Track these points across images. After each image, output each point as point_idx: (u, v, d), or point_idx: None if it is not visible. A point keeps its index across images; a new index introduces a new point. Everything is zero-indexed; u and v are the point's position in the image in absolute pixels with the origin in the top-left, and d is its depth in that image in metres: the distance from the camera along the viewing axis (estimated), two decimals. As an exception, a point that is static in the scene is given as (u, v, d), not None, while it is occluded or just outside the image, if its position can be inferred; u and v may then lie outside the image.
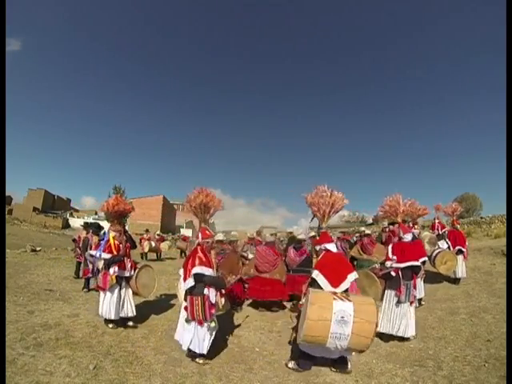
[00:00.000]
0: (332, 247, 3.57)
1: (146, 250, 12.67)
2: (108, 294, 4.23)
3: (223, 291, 3.72)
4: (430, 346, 3.76)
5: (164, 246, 13.84)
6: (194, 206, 3.98)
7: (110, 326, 4.26)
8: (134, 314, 4.44)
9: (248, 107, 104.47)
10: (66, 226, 32.83)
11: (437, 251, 6.59)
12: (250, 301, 5.88)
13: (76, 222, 30.31)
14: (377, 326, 2.90)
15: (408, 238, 4.26)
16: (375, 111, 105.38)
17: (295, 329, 3.49)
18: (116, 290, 4.29)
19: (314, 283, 3.36)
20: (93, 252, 4.60)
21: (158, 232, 15.59)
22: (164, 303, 5.78)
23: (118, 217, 4.69)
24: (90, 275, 6.37)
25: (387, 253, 4.19)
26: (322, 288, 3.24)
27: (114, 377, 3.01)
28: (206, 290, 3.44)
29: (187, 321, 3.43)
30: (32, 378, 2.85)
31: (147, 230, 14.50)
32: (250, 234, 8.54)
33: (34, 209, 33.66)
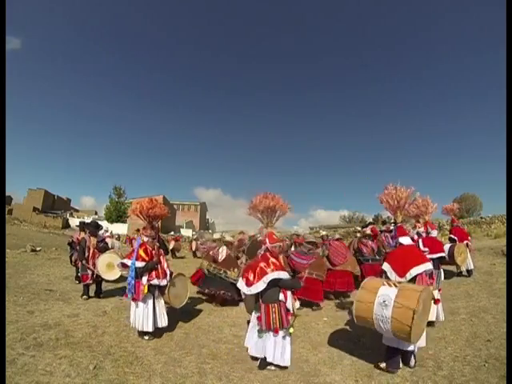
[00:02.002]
0: (404, 240, 3.72)
1: None
2: (141, 304, 3.96)
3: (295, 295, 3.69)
4: (430, 346, 3.75)
5: None
6: (262, 211, 3.92)
7: (146, 337, 3.99)
8: (167, 323, 4.19)
9: (248, 107, 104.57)
10: (66, 226, 32.80)
11: (448, 245, 6.91)
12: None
13: (76, 222, 30.27)
14: (414, 313, 2.83)
15: (435, 233, 4.93)
16: (375, 111, 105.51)
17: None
18: (150, 301, 4.03)
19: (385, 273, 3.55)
20: (126, 261, 4.13)
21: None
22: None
23: (152, 221, 4.42)
24: (89, 281, 5.96)
25: (418, 246, 4.59)
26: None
27: (113, 377, 3.01)
28: (281, 296, 3.38)
29: (260, 332, 3.34)
30: (32, 378, 2.85)
31: (138, 230, 14.10)
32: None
33: (34, 209, 33.64)
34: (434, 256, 4.53)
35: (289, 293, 3.49)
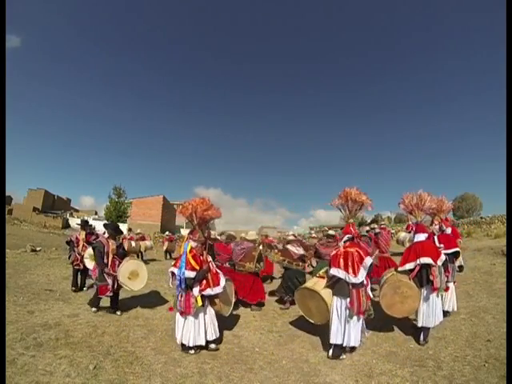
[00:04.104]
0: (417, 238, 4.16)
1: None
2: (191, 318, 3.61)
3: None
4: (430, 346, 3.76)
5: (141, 245, 12.12)
6: (351, 199, 4.07)
7: (192, 352, 3.63)
8: (218, 335, 3.84)
9: (248, 107, 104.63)
10: (66, 225, 32.77)
11: None
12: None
13: (76, 222, 30.28)
14: (383, 294, 3.97)
15: (448, 230, 5.27)
16: (375, 111, 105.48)
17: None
18: (201, 314, 3.68)
19: None
20: (176, 270, 3.73)
21: (139, 230, 14.37)
22: (163, 303, 5.78)
23: (203, 224, 4.03)
24: (109, 294, 4.99)
25: (433, 242, 4.83)
26: None
27: (113, 377, 3.01)
28: (365, 281, 3.58)
29: (351, 316, 3.47)
30: (32, 377, 2.85)
31: (130, 230, 13.47)
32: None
33: (34, 209, 33.61)
34: (449, 251, 4.69)
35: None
